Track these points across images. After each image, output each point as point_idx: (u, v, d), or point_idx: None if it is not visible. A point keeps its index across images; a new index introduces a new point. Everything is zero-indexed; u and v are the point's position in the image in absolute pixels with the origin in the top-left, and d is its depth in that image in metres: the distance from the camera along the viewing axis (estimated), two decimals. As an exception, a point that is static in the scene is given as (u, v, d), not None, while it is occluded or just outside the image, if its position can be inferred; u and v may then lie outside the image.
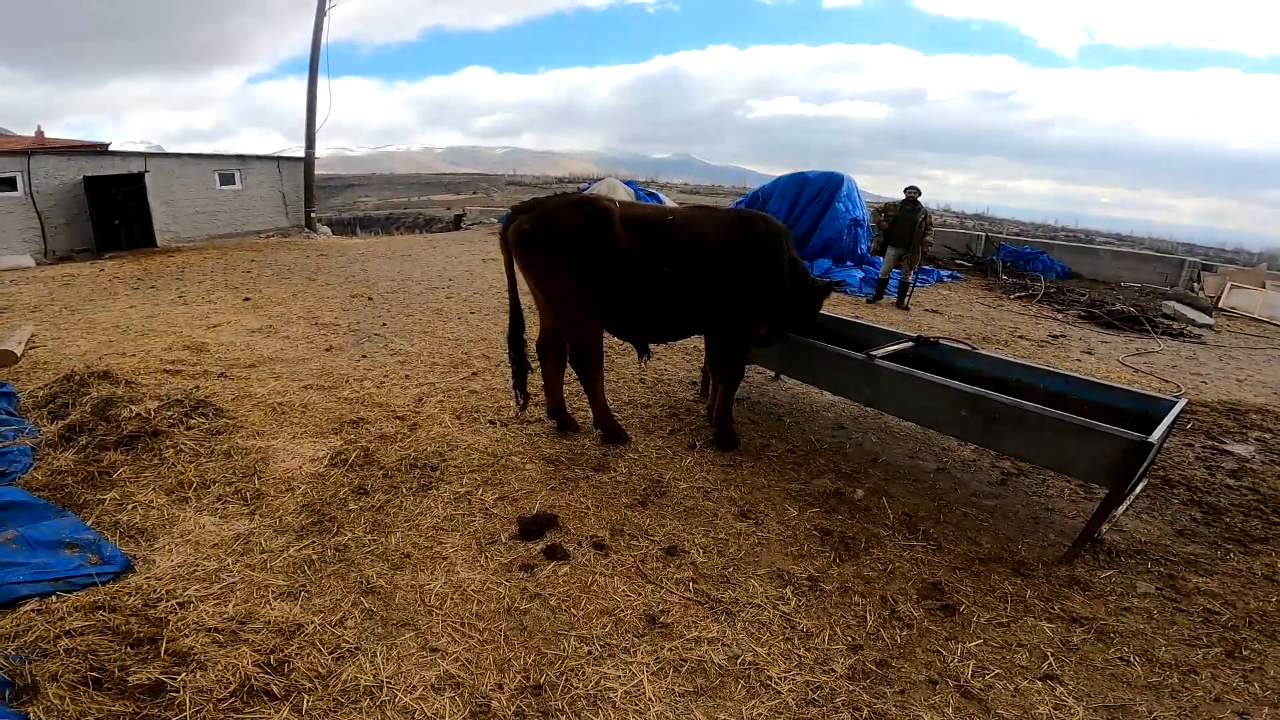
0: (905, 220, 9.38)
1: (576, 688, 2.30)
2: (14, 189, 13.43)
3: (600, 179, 20.00)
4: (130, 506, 3.30)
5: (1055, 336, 8.53)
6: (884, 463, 4.30)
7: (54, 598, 2.57)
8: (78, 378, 4.91)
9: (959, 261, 14.67)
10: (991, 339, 7.99)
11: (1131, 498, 3.53)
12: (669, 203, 13.48)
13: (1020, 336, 8.34)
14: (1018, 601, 2.91)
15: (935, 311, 9.57)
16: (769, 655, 2.50)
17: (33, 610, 2.48)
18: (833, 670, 2.45)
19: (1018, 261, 14.23)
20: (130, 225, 14.49)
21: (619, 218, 3.96)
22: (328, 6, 17.03)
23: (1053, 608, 2.88)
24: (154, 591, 2.65)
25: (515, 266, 4.12)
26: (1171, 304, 10.96)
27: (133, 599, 2.58)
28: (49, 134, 21.56)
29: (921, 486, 4.00)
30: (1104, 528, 3.36)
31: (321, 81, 17.59)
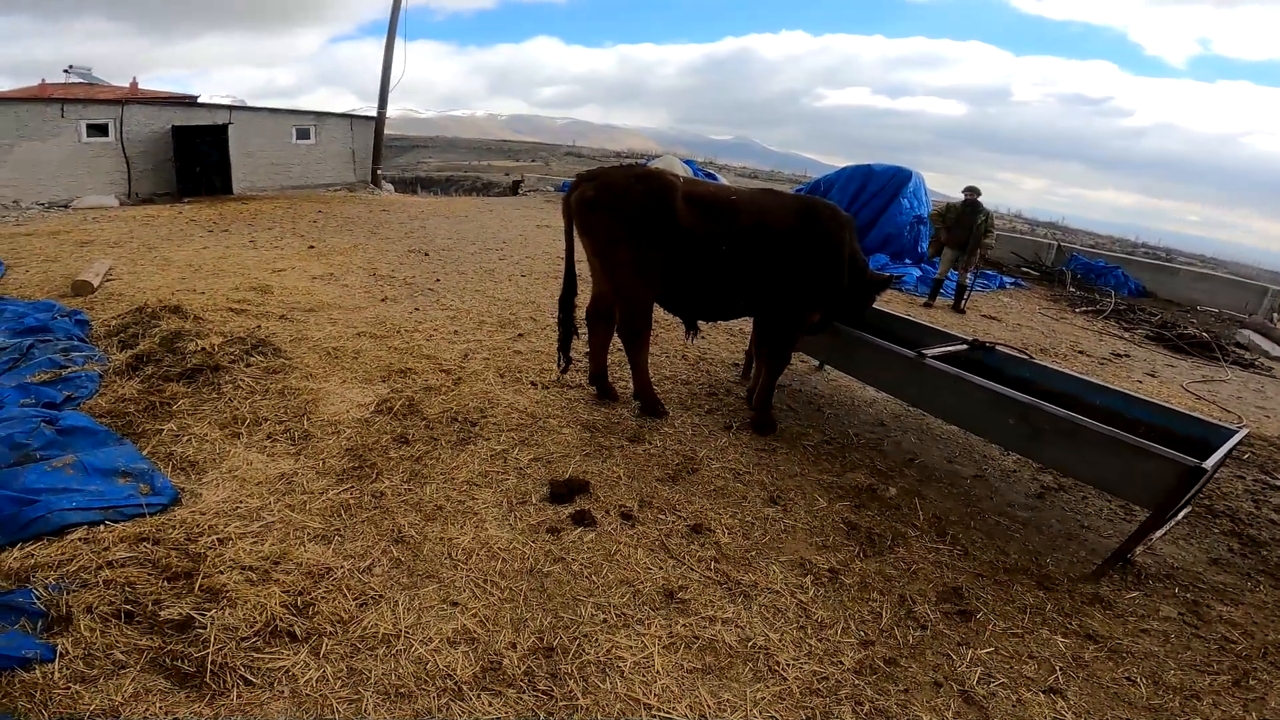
0: (964, 222, 9.03)
1: (588, 653, 2.34)
2: (106, 135, 14.18)
3: (659, 155, 19.85)
4: (186, 438, 3.46)
5: (1118, 355, 8.17)
6: (921, 464, 4.22)
7: (102, 526, 2.66)
8: (150, 310, 5.18)
9: (1025, 269, 14.11)
10: (1050, 351, 7.70)
11: (1172, 523, 3.41)
12: (727, 184, 13.33)
13: (1080, 351, 8.01)
14: (1036, 614, 2.87)
15: (993, 318, 9.25)
16: (780, 641, 2.51)
17: (80, 539, 2.57)
18: (841, 663, 2.44)
19: (1089, 274, 13.60)
20: (211, 173, 15.15)
21: (682, 194, 3.96)
22: (410, -31, 17.26)
23: (1070, 623, 2.83)
24: (197, 526, 2.75)
25: (575, 233, 4.16)
26: (1246, 333, 10.33)
27: (176, 532, 2.68)
28: (144, 85, 22.60)
29: (956, 491, 3.92)
30: (1138, 549, 3.28)
31: (397, 44, 17.89)
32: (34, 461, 2.91)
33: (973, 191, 9.16)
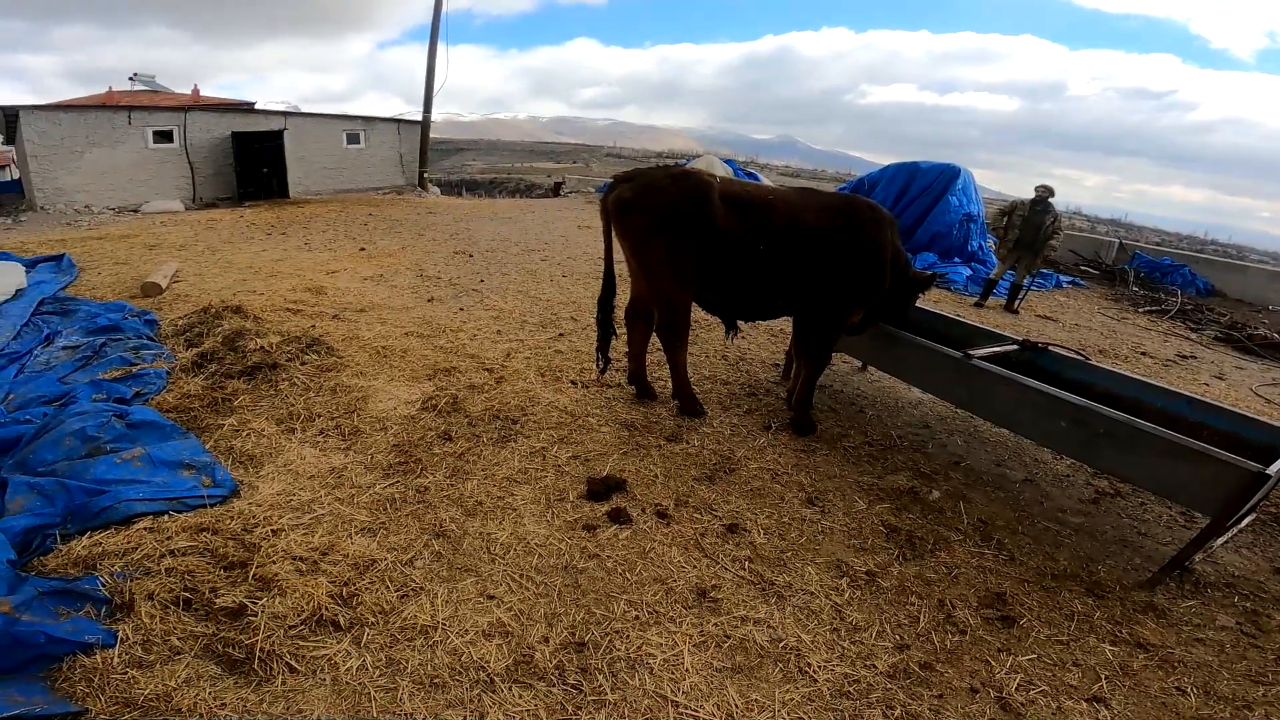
0: (1031, 222, 8.67)
1: (618, 649, 2.37)
2: (171, 141, 14.89)
3: (699, 155, 19.83)
4: (245, 433, 3.63)
5: (1184, 356, 7.80)
6: (967, 467, 4.12)
7: (166, 517, 2.80)
8: (213, 310, 5.44)
9: (1084, 268, 13.58)
10: (1110, 353, 7.40)
11: (1235, 530, 3.26)
12: (767, 183, 13.19)
13: (1143, 353, 7.68)
14: (1084, 621, 2.78)
15: (1049, 318, 8.94)
16: (813, 643, 2.49)
17: (145, 528, 2.71)
18: (874, 666, 2.41)
19: (1153, 273, 13.02)
20: (269, 177, 15.77)
21: (718, 193, 3.95)
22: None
23: (1120, 631, 2.74)
24: (253, 517, 2.88)
25: (613, 234, 4.20)
26: (1322, 333, 9.72)
27: (234, 523, 2.81)
28: (204, 92, 23.61)
29: (1004, 495, 3.82)
30: (1197, 557, 3.15)
31: (440, 49, 18.28)
32: (105, 454, 3.07)
33: (1045, 190, 8.77)
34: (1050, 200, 8.71)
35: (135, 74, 24.74)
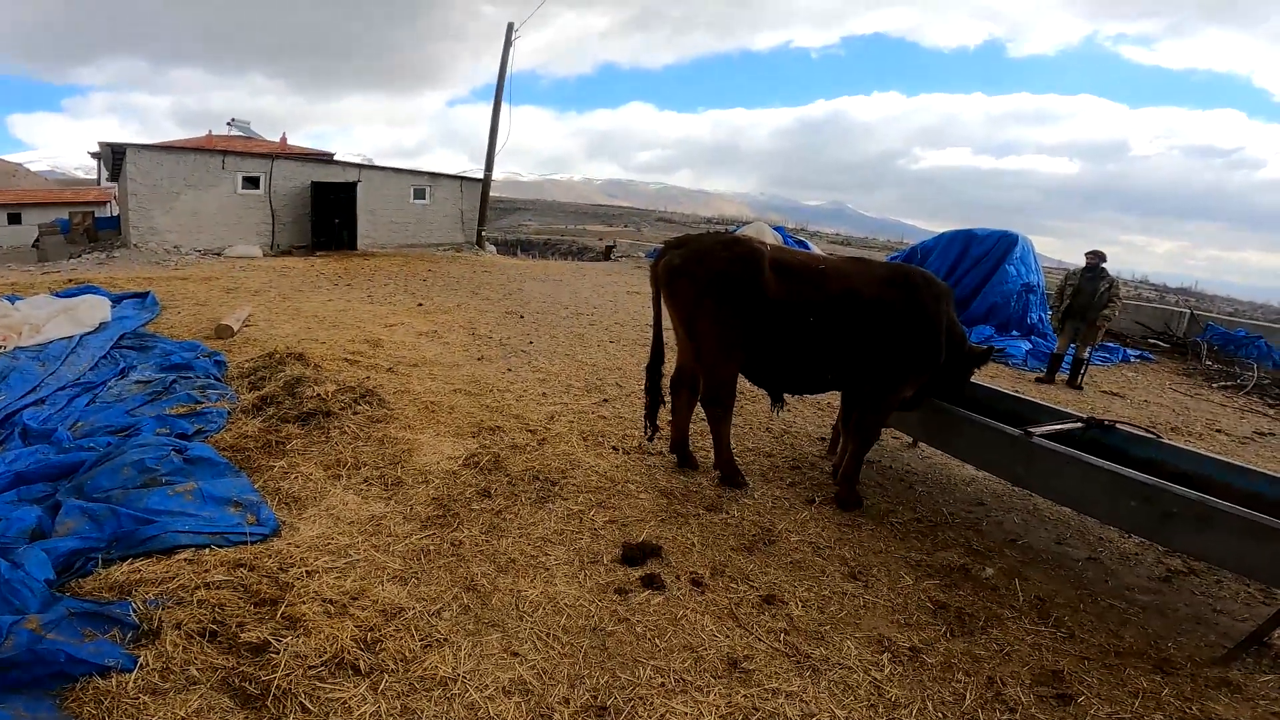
0: (1084, 290, 8.43)
1: (640, 716, 2.29)
2: (257, 188, 15.84)
3: (749, 222, 20.11)
4: (293, 476, 3.74)
5: (1262, 434, 7.31)
6: (1024, 545, 3.91)
7: (207, 550, 2.88)
8: (278, 356, 5.71)
9: (1153, 341, 12.99)
10: (1182, 430, 7.00)
11: None
12: (817, 251, 13.18)
13: (1218, 430, 7.24)
14: (1149, 698, 2.59)
15: (1115, 394, 8.54)
16: (846, 719, 2.36)
17: (184, 559, 2.79)
18: (911, 746, 2.27)
19: (1227, 345, 12.36)
20: (340, 229, 16.58)
21: (769, 261, 3.94)
22: (513, 36, 18.71)
23: (1189, 708, 2.55)
24: (290, 557, 2.94)
25: (662, 300, 4.22)
26: None
27: (271, 561, 2.87)
28: (291, 141, 25.31)
29: (1065, 574, 3.60)
30: (1278, 632, 2.96)
31: (503, 109, 19.17)
32: (159, 485, 3.21)
33: (1096, 256, 8.56)
34: (1103, 266, 8.48)
35: (233, 119, 26.61)
